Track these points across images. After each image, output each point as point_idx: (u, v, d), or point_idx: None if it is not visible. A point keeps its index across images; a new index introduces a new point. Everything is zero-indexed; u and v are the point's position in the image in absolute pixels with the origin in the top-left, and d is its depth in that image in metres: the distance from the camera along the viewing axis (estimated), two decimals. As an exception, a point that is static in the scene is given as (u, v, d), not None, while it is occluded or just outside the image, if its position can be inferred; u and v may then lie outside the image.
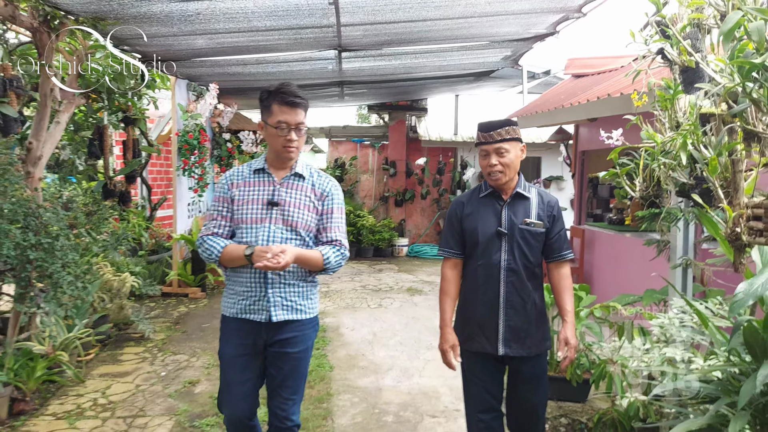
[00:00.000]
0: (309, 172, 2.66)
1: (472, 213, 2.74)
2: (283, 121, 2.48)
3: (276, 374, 2.56)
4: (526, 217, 2.67)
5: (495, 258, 2.63)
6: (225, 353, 2.56)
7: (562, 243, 2.74)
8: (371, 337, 5.68)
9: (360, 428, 3.66)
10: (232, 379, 2.53)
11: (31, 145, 4.36)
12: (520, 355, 2.63)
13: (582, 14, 5.31)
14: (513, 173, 2.68)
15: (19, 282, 4.07)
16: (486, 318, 2.64)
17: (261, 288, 2.49)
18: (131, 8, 4.16)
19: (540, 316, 2.70)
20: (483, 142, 2.68)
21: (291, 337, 2.54)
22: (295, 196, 2.55)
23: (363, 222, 11.29)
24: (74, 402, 4.09)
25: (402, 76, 8.49)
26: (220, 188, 2.61)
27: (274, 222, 2.51)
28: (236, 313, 2.52)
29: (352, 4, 4.47)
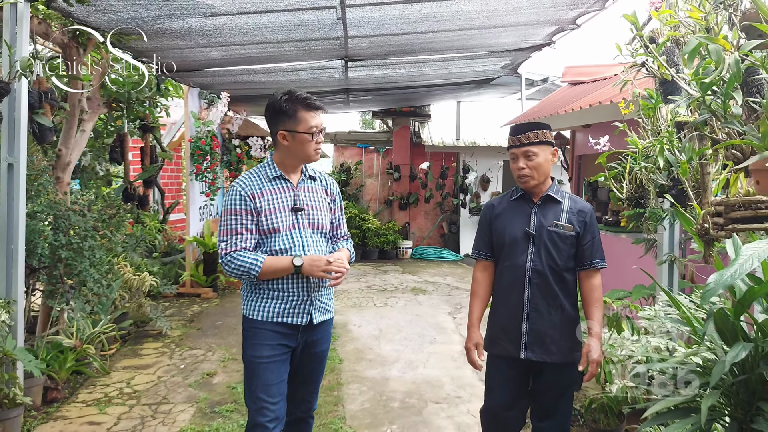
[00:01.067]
0: (316, 173, 2.72)
1: (501, 214, 2.73)
2: (314, 126, 2.50)
3: (302, 370, 2.62)
4: (555, 219, 2.62)
5: (521, 259, 2.60)
6: (260, 356, 2.50)
7: (594, 251, 2.65)
8: (377, 333, 5.98)
9: (368, 413, 3.95)
10: (271, 380, 2.49)
11: (61, 152, 4.67)
12: (544, 360, 2.57)
13: (576, 26, 5.60)
14: (543, 177, 2.65)
15: (51, 279, 4.38)
16: (510, 320, 2.62)
17: (305, 292, 2.49)
18: (154, 24, 4.48)
19: (568, 324, 2.62)
20: (512, 145, 2.67)
21: (322, 337, 2.62)
22: (314, 199, 2.60)
23: (368, 225, 11.57)
24: (102, 391, 4.39)
25: (406, 83, 8.80)
26: (239, 201, 2.50)
27: (302, 226, 2.53)
28: (273, 316, 2.49)
29: (358, 19, 4.78)
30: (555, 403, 2.66)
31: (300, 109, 2.48)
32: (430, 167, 12.15)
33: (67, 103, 4.70)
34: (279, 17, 4.57)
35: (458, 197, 12.11)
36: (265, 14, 4.48)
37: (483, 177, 12.04)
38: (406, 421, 3.82)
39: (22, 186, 3.78)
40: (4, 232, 3.75)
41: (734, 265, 2.78)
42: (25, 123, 3.77)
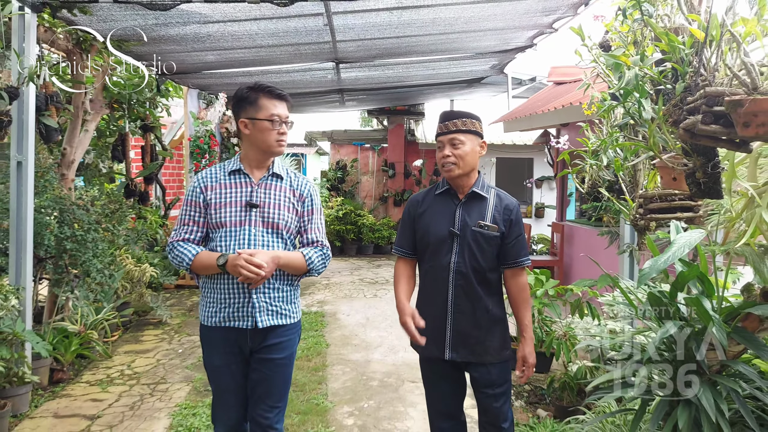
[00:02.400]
0: (286, 172, 2.58)
1: (425, 212, 2.61)
2: (276, 114, 2.41)
3: (260, 381, 2.46)
4: (480, 218, 2.52)
5: (445, 260, 2.50)
6: (212, 364, 2.46)
7: (519, 249, 2.57)
8: (365, 321, 6.31)
9: (349, 390, 4.29)
10: (226, 388, 2.44)
11: (66, 151, 5.01)
12: (469, 360, 2.51)
13: (554, 29, 5.90)
14: (468, 168, 2.52)
15: (57, 269, 4.73)
16: (435, 322, 2.51)
17: (244, 293, 2.37)
18: (152, 32, 4.81)
19: (494, 324, 2.55)
20: (439, 132, 2.57)
21: (276, 343, 2.44)
22: (274, 197, 2.47)
23: (363, 221, 11.90)
24: (104, 372, 4.73)
25: (397, 83, 9.12)
26: (192, 192, 2.47)
27: (254, 224, 2.41)
28: (219, 321, 2.39)
29: (344, 26, 5.10)
30: (491, 403, 2.57)
31: (261, 96, 2.42)
32: (424, 164, 12.47)
33: (72, 104, 5.03)
34: (268, 24, 4.89)
35: (452, 193, 12.43)
36: (255, 22, 4.80)
37: (476, 174, 12.34)
38: (383, 397, 4.16)
39: (30, 182, 4.12)
40: (14, 225, 4.09)
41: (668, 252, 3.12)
42: (32, 124, 4.11)
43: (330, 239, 11.60)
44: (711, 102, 1.68)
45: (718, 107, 1.66)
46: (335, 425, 3.69)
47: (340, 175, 12.70)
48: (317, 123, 14.95)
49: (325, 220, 11.72)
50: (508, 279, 2.63)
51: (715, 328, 2.90)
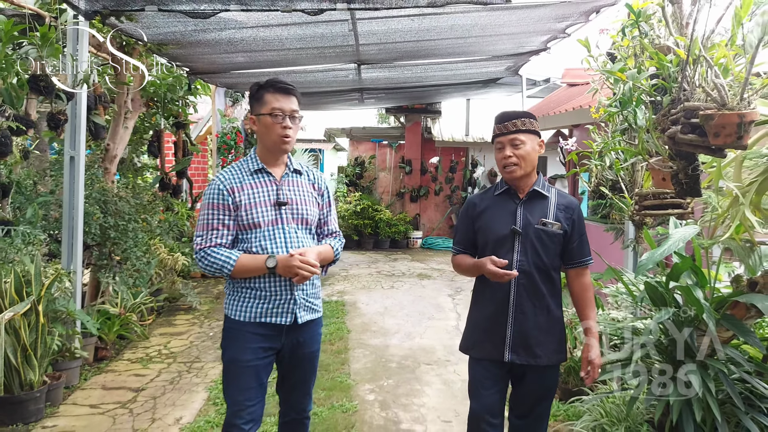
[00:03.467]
0: (301, 166, 2.59)
1: (485, 211, 2.58)
2: (278, 108, 2.36)
3: (293, 372, 2.53)
4: (543, 217, 2.47)
5: (507, 258, 2.42)
6: (241, 359, 2.39)
7: (583, 248, 2.54)
8: (383, 310, 6.67)
9: (369, 371, 4.64)
10: (250, 384, 2.39)
11: (109, 146, 5.41)
12: (528, 363, 2.45)
13: (567, 35, 6.19)
14: (529, 168, 2.50)
15: (101, 256, 5.12)
16: (494, 322, 2.49)
17: (287, 290, 2.39)
18: (191, 37, 5.18)
19: (554, 325, 2.51)
20: (498, 133, 2.52)
21: (309, 337, 2.51)
22: (299, 193, 2.49)
23: (381, 216, 12.24)
24: (143, 351, 5.13)
25: (415, 83, 9.43)
26: (217, 195, 2.40)
27: (286, 222, 2.42)
28: (255, 316, 2.38)
29: (367, 32, 5.44)
30: (535, 405, 2.56)
31: (266, 92, 2.39)
32: (440, 162, 12.79)
33: (115, 103, 5.42)
34: (297, 30, 5.24)
35: (467, 190, 12.74)
36: (285, 27, 5.15)
37: (491, 171, 12.64)
38: (401, 377, 4.50)
39: (81, 175, 4.51)
40: (66, 215, 4.49)
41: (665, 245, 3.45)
42: (84, 122, 4.50)
43: (347, 233, 11.98)
44: (689, 114, 2.00)
45: (694, 119, 1.98)
46: (358, 400, 4.05)
47: (358, 170, 13.05)
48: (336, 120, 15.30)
49: (344, 215, 12.07)
50: (572, 279, 2.58)
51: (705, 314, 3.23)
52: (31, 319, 3.80)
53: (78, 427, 3.64)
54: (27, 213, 4.39)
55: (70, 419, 3.76)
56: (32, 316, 3.80)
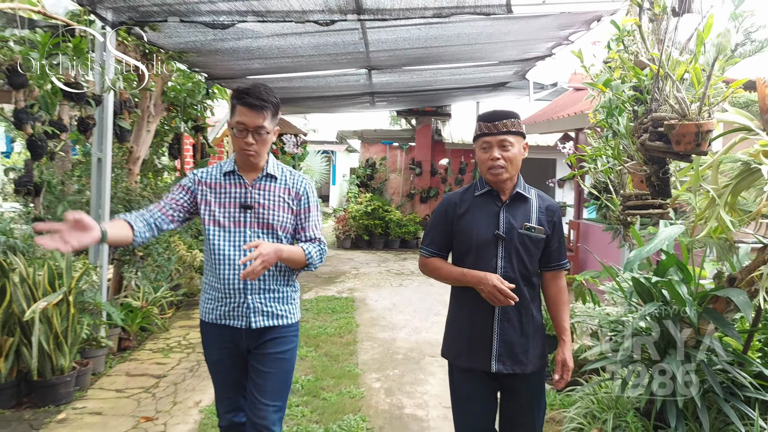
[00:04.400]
0: (281, 171, 2.53)
1: (465, 213, 2.44)
2: (241, 122, 2.33)
3: (256, 378, 2.45)
4: (526, 220, 2.39)
5: (490, 265, 2.35)
6: (210, 358, 2.52)
7: (561, 251, 2.51)
8: (391, 306, 6.93)
9: (376, 362, 4.91)
10: (224, 381, 2.50)
11: (133, 149, 5.73)
12: (515, 372, 2.38)
13: (570, 41, 6.42)
14: (515, 170, 2.39)
15: (124, 251, 5.43)
16: (478, 331, 2.39)
17: (240, 294, 2.38)
18: (210, 45, 5.48)
19: (537, 330, 2.46)
20: (486, 133, 2.36)
21: (273, 338, 2.46)
22: (268, 198, 2.46)
23: (391, 216, 12.50)
24: (164, 342, 5.43)
25: (424, 87, 9.69)
26: (186, 180, 2.48)
27: (249, 226, 2.42)
28: (215, 318, 2.42)
29: (377, 40, 5.71)
30: (524, 414, 2.52)
31: (236, 103, 2.36)
32: (449, 163, 13.03)
33: (138, 108, 5.73)
34: (311, 39, 5.52)
35: (476, 192, 12.98)
36: (299, 36, 5.43)
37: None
38: (406, 368, 4.76)
39: (107, 176, 4.82)
40: (94, 212, 4.80)
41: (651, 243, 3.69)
42: (110, 126, 4.81)
43: (358, 233, 12.25)
44: (656, 124, 2.25)
45: (660, 128, 2.22)
46: (365, 387, 4.31)
47: (369, 172, 13.33)
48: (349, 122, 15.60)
49: (354, 215, 12.33)
50: (548, 282, 2.53)
51: (687, 308, 3.47)
52: (63, 309, 4.10)
53: (105, 409, 3.93)
54: (57, 211, 4.70)
55: (98, 402, 4.06)
56: (64, 306, 4.10)
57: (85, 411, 3.90)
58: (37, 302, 3.90)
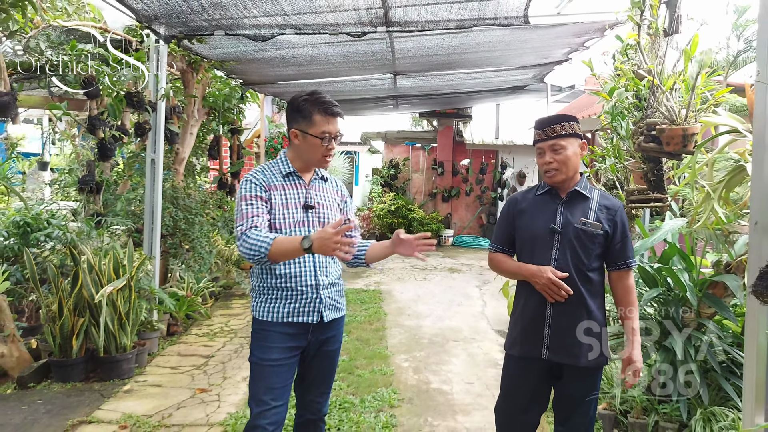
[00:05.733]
0: (327, 173, 2.67)
1: (526, 210, 2.58)
2: (327, 131, 2.41)
3: (313, 370, 2.57)
4: (583, 216, 2.45)
5: (545, 257, 2.45)
6: (268, 358, 2.45)
7: (625, 250, 2.50)
8: (416, 297, 7.36)
9: (404, 345, 5.34)
10: (276, 384, 2.45)
11: (179, 150, 6.23)
12: (566, 362, 2.44)
13: (586, 47, 6.78)
14: (571, 171, 2.48)
15: (173, 244, 5.93)
16: (532, 320, 2.48)
17: (313, 289, 2.45)
18: (249, 55, 5.96)
19: (594, 326, 2.45)
20: (538, 139, 2.51)
21: (332, 336, 2.57)
22: (325, 198, 2.56)
23: (414, 215, 12.92)
24: (208, 328, 5.92)
25: (446, 90, 10.10)
26: (254, 188, 2.45)
27: (311, 225, 2.48)
28: (283, 316, 2.44)
29: (403, 49, 6.14)
30: (574, 409, 2.53)
31: (315, 111, 2.40)
32: (470, 163, 13.42)
33: (184, 113, 6.23)
34: (342, 48, 5.97)
35: (496, 191, 13.33)
36: (331, 46, 5.88)
37: (519, 173, 13.22)
38: (431, 350, 5.19)
39: (160, 175, 5.32)
40: (148, 209, 5.30)
41: (655, 235, 4.08)
42: (162, 130, 5.31)
43: (382, 231, 12.70)
44: (650, 128, 2.64)
45: (653, 132, 2.61)
46: (394, 366, 4.75)
47: (392, 172, 13.77)
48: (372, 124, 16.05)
49: (378, 214, 12.75)
50: (614, 281, 2.55)
51: (688, 293, 3.87)
52: (125, 293, 4.60)
53: (164, 382, 4.42)
54: (117, 206, 5.21)
55: (156, 376, 4.55)
56: (126, 291, 4.60)
57: (147, 384, 4.39)
58: (104, 287, 4.40)
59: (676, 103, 2.55)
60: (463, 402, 4.07)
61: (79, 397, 4.10)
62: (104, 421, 3.69)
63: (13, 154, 7.60)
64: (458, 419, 3.79)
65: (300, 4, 4.50)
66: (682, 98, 2.60)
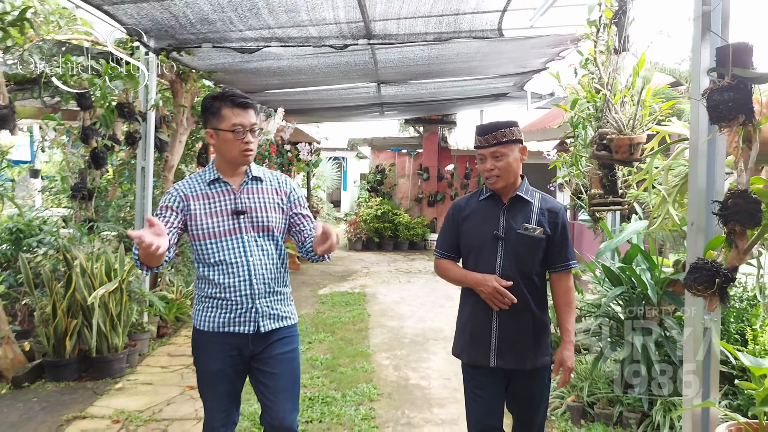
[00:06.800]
0: (263, 173, 2.53)
1: (469, 216, 2.59)
2: (238, 123, 2.33)
3: (269, 380, 2.44)
4: (525, 221, 2.48)
5: (490, 264, 2.47)
6: (209, 369, 2.40)
7: (566, 252, 2.54)
8: (399, 299, 7.59)
9: (386, 344, 5.56)
10: (221, 392, 2.41)
11: (168, 158, 6.43)
12: (515, 368, 2.47)
13: (561, 57, 7.05)
14: (512, 177, 2.50)
15: (162, 249, 6.12)
16: (480, 328, 2.50)
17: (248, 299, 2.36)
18: (236, 66, 6.18)
19: (539, 328, 2.51)
20: (479, 146, 2.52)
21: (278, 339, 2.46)
22: (259, 200, 2.44)
23: (400, 219, 13.15)
24: (197, 330, 6.10)
25: (430, 98, 10.37)
26: (170, 199, 2.38)
27: (245, 231, 2.38)
28: (218, 326, 2.36)
29: (385, 59, 6.38)
30: (525, 411, 2.59)
31: (224, 106, 2.34)
32: (455, 169, 13.70)
33: (173, 122, 6.44)
34: (326, 59, 6.21)
35: (481, 196, 13.63)
36: (316, 57, 6.11)
37: (503, 178, 13.50)
38: (412, 349, 5.42)
39: (150, 182, 5.52)
40: (139, 214, 5.50)
41: (619, 236, 4.33)
42: (152, 138, 5.51)
43: (369, 235, 12.92)
44: (601, 137, 2.89)
45: (604, 141, 2.86)
46: (375, 364, 4.97)
47: (379, 177, 14.01)
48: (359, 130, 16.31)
49: (365, 218, 12.97)
50: (554, 282, 2.59)
51: (649, 291, 4.12)
52: (117, 296, 4.78)
53: (155, 380, 4.61)
54: (108, 213, 5.40)
55: (147, 375, 4.73)
56: (117, 293, 4.79)
57: (138, 382, 4.58)
58: (96, 290, 4.58)
59: (625, 114, 2.81)
60: (439, 396, 4.29)
61: (72, 395, 4.28)
62: (98, 417, 3.88)
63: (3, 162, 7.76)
64: (434, 411, 4.02)
65: (283, 18, 4.72)
66: (631, 110, 2.85)
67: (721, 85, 1.94)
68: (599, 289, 5.11)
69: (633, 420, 3.87)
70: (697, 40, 2.40)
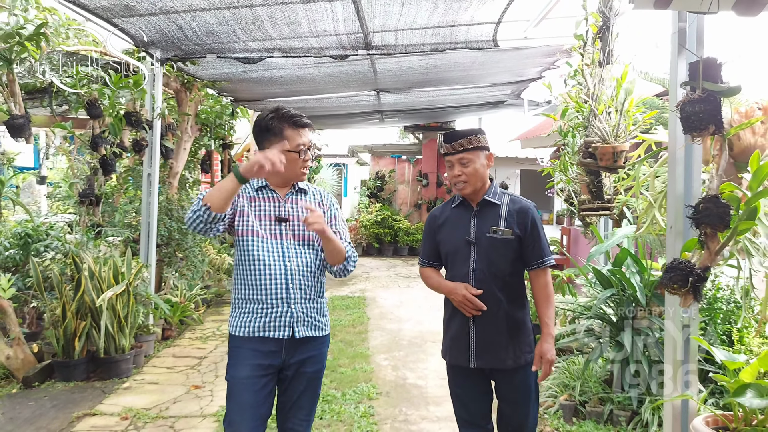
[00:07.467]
0: (307, 186, 2.61)
1: (444, 223, 2.68)
2: (301, 143, 2.41)
3: (291, 395, 2.48)
4: (494, 224, 2.56)
5: (464, 268, 2.55)
6: (239, 375, 2.40)
7: (539, 250, 2.59)
8: (398, 303, 7.74)
9: (384, 346, 5.71)
10: (248, 402, 2.36)
11: (173, 165, 6.60)
12: (494, 367, 2.54)
13: (557, 66, 7.22)
14: (479, 183, 2.58)
15: (167, 254, 6.29)
16: (458, 330, 2.58)
17: (283, 303, 2.39)
18: (240, 76, 6.36)
19: (516, 327, 2.56)
20: (446, 153, 2.60)
21: (309, 357, 2.48)
22: (301, 211, 2.50)
23: (399, 225, 13.32)
24: (200, 332, 6.26)
25: (429, 106, 10.55)
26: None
27: (285, 238, 2.45)
28: (253, 330, 2.38)
29: (384, 69, 6.56)
30: (511, 409, 2.63)
31: (286, 127, 2.40)
32: (454, 175, 13.86)
33: (178, 130, 6.61)
34: (326, 69, 6.38)
35: (479, 202, 13.79)
36: (316, 67, 6.29)
37: (502, 184, 13.66)
38: (410, 350, 5.57)
39: (155, 188, 5.68)
40: (145, 220, 5.66)
41: (609, 240, 4.48)
42: (158, 146, 5.68)
43: (369, 241, 13.08)
44: (587, 145, 3.05)
45: (590, 149, 3.02)
46: (375, 364, 5.12)
47: (379, 183, 14.19)
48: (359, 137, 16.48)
49: (365, 224, 13.16)
50: (531, 280, 2.65)
51: (638, 293, 4.27)
52: (124, 298, 4.94)
53: (161, 380, 4.76)
54: (115, 218, 5.56)
55: (154, 375, 4.88)
56: (125, 296, 4.94)
57: (145, 381, 4.73)
58: (104, 293, 4.74)
59: (609, 124, 2.97)
60: (436, 395, 4.44)
61: (82, 393, 4.43)
62: (107, 414, 4.03)
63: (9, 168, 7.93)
64: (430, 409, 4.17)
65: (285, 30, 4.90)
66: (615, 120, 3.02)
67: (692, 98, 2.10)
68: (591, 292, 5.27)
69: (623, 417, 4.01)
70: (674, 55, 2.56)
